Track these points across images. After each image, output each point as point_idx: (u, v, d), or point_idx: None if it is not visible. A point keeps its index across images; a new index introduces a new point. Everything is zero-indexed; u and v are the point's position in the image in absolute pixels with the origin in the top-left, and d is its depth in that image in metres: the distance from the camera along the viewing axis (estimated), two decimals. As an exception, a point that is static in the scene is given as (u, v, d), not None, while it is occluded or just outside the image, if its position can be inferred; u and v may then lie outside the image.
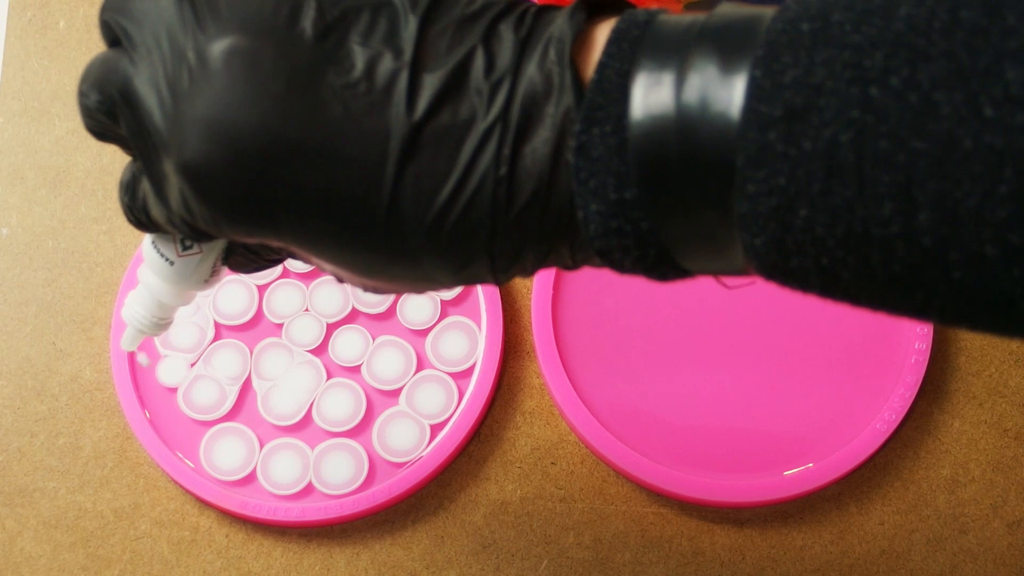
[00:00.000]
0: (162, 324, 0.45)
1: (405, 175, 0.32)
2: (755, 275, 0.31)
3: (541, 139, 0.31)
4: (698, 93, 0.29)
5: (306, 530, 0.57)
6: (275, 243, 0.35)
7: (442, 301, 0.60)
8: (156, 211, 0.36)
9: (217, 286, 0.60)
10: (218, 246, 0.42)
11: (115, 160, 0.64)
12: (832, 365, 0.58)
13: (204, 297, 0.60)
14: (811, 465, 0.56)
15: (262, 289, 0.60)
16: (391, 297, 0.60)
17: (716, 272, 0.32)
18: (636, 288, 0.60)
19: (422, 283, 0.36)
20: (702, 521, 0.57)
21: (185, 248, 0.42)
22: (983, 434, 0.58)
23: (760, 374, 0.58)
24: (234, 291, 0.60)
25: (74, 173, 0.64)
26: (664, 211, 0.30)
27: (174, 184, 0.33)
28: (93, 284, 0.62)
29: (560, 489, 0.57)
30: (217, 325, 0.60)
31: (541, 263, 0.34)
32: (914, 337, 0.58)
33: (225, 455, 0.57)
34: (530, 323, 0.59)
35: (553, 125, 0.31)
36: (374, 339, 0.59)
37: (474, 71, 0.32)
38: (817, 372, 0.58)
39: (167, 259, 0.42)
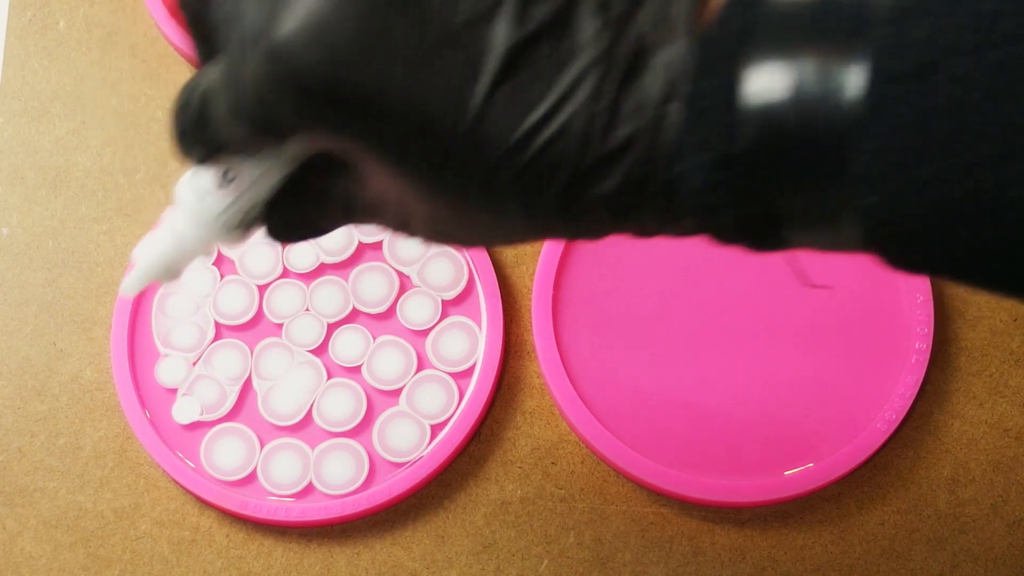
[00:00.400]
0: (172, 271, 0.42)
1: (497, 93, 0.31)
2: (857, 248, 0.30)
3: (646, 83, 0.31)
4: (818, 50, 0.29)
5: (306, 530, 0.57)
6: (348, 145, 0.34)
7: (443, 301, 0.60)
8: (221, 106, 0.35)
9: (219, 285, 0.60)
10: (257, 191, 0.39)
11: (115, 160, 0.64)
12: (832, 365, 0.58)
13: (204, 297, 0.60)
14: (811, 465, 0.56)
15: (262, 289, 0.60)
16: (392, 297, 0.60)
17: (816, 245, 0.31)
18: (637, 289, 0.60)
19: (493, 223, 0.35)
20: (702, 521, 0.57)
21: (226, 180, 0.39)
22: (983, 434, 0.58)
23: (760, 374, 0.58)
24: (234, 291, 0.60)
25: (74, 173, 0.64)
26: (773, 170, 0.30)
27: (256, 70, 0.33)
28: (93, 284, 0.62)
29: (560, 489, 0.57)
30: (217, 325, 0.60)
31: (620, 219, 0.33)
32: (914, 337, 0.58)
33: (225, 455, 0.57)
34: (530, 323, 0.59)
35: (663, 71, 0.31)
36: (374, 339, 0.59)
37: (584, 5, 0.32)
38: (817, 372, 0.58)
39: (201, 194, 0.39)
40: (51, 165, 0.64)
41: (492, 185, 0.33)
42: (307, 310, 0.60)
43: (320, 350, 0.59)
